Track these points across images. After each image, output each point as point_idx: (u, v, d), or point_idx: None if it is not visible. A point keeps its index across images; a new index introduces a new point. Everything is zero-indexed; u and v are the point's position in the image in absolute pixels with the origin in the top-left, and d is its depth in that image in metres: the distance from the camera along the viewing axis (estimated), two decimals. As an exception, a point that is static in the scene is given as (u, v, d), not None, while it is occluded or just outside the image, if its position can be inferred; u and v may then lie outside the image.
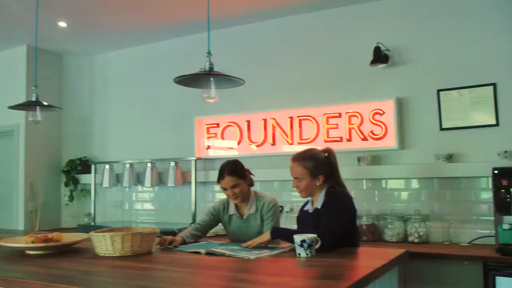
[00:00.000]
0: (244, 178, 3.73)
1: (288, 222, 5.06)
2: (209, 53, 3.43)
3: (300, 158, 3.30)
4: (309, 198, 3.40)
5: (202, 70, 3.41)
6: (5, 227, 6.50)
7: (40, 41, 5.96)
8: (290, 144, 5.50)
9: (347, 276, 2.36)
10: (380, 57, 4.94)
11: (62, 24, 6.00)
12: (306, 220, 3.36)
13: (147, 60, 6.75)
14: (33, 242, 3.13)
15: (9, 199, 7.02)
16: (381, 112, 5.00)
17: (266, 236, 3.19)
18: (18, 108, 4.74)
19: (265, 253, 2.92)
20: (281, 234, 3.17)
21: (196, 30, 6.06)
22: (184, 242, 3.48)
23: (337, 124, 5.25)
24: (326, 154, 3.35)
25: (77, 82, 7.36)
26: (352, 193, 3.41)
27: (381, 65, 4.98)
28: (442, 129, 4.75)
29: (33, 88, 4.38)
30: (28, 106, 4.56)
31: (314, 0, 5.24)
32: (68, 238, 3.32)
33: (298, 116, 5.48)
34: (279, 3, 5.32)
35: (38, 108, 4.47)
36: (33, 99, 4.38)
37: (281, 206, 5.05)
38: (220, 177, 3.71)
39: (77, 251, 3.23)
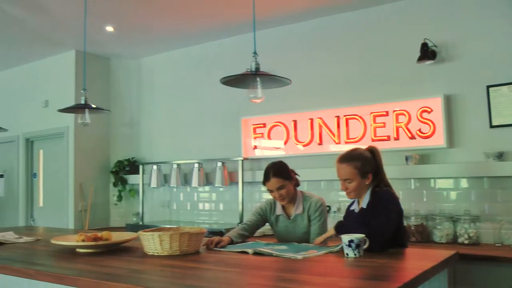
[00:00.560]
0: (289, 179, 3.69)
1: (335, 222, 5.01)
2: (255, 53, 3.43)
3: (347, 158, 3.26)
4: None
5: (248, 70, 3.41)
6: (56, 225, 6.66)
7: (88, 46, 6.08)
8: (337, 143, 5.45)
9: (395, 277, 2.33)
10: (427, 53, 4.85)
11: (109, 28, 6.11)
12: (352, 220, 3.33)
13: (193, 62, 6.80)
14: (83, 240, 3.20)
15: (60, 199, 7.19)
16: (429, 109, 4.91)
17: (331, 231, 3.22)
18: (68, 111, 4.84)
19: (313, 253, 2.91)
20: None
21: (242, 30, 6.09)
22: (231, 242, 3.49)
23: (384, 123, 5.19)
24: (370, 153, 3.31)
25: (124, 84, 7.48)
26: (400, 193, 3.37)
27: (428, 62, 4.89)
28: (492, 126, 4.62)
29: (82, 91, 4.45)
30: (77, 109, 4.65)
31: (359, -2, 5.20)
32: (117, 237, 3.37)
33: (344, 115, 5.43)
34: (324, 2, 5.29)
35: (87, 110, 4.54)
36: (82, 102, 4.45)
37: (328, 206, 5.01)
38: (266, 179, 3.70)
39: (126, 250, 3.27)
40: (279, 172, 3.67)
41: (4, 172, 8.26)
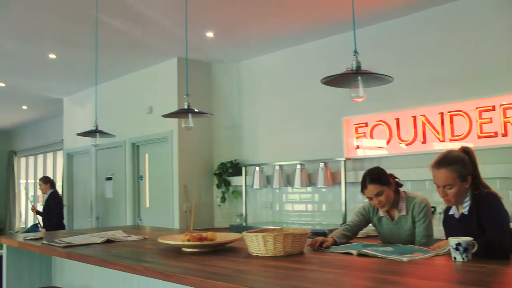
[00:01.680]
0: (387, 184, 3.57)
1: (441, 224, 4.84)
2: (355, 51, 3.37)
3: (446, 162, 3.02)
4: None
5: (349, 69, 3.35)
6: (162, 225, 6.89)
7: (189, 52, 6.24)
8: (441, 141, 5.26)
9: (507, 285, 2.21)
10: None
11: (210, 34, 6.24)
12: (453, 226, 3.14)
13: (293, 63, 6.81)
14: (188, 240, 3.26)
15: (165, 200, 7.43)
16: (541, 102, 4.63)
17: (446, 242, 3.03)
18: (172, 116, 4.97)
19: (419, 255, 2.81)
20: None
21: (340, 29, 6.04)
22: (335, 243, 3.45)
23: (490, 118, 4.93)
24: (465, 154, 3.08)
25: (225, 88, 7.61)
26: (510, 194, 3.16)
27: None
28: None
29: (184, 96, 4.55)
30: (180, 114, 4.76)
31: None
32: (221, 237, 3.42)
33: (448, 112, 5.23)
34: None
35: (190, 115, 4.64)
36: (185, 107, 4.54)
37: (433, 207, 4.83)
38: (363, 186, 3.61)
39: (230, 250, 3.31)
40: (376, 178, 3.56)
41: (112, 175, 8.65)
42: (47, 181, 8.44)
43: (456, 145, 3.27)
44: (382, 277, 2.41)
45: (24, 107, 11.65)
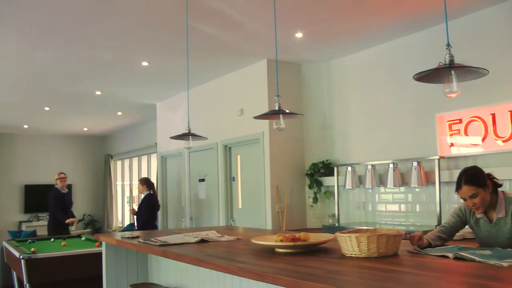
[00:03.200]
0: (484, 186, 3.40)
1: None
2: (448, 45, 3.26)
3: None
4: None
5: (442, 63, 3.25)
6: (255, 226, 6.96)
7: (279, 54, 6.27)
8: (541, 137, 5.00)
9: None
10: None
11: (299, 34, 6.25)
12: None
13: (382, 60, 6.70)
14: (281, 241, 3.27)
15: (257, 201, 7.50)
16: None
17: None
18: (263, 118, 5.02)
19: (521, 260, 2.68)
20: None
21: (431, 23, 5.88)
22: (429, 245, 3.36)
23: None
24: None
25: (316, 88, 7.60)
26: None
27: None
28: None
29: (275, 98, 4.56)
30: (271, 115, 4.78)
31: None
32: (314, 238, 3.40)
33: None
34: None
35: (281, 116, 4.65)
36: (276, 108, 4.55)
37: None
38: (457, 187, 3.48)
39: (323, 250, 3.29)
40: (471, 179, 3.42)
41: (205, 177, 8.82)
42: (143, 183, 8.70)
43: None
44: (480, 283, 2.30)
45: (119, 113, 12.14)
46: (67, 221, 9.31)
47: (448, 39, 3.25)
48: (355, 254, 2.94)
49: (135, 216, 8.85)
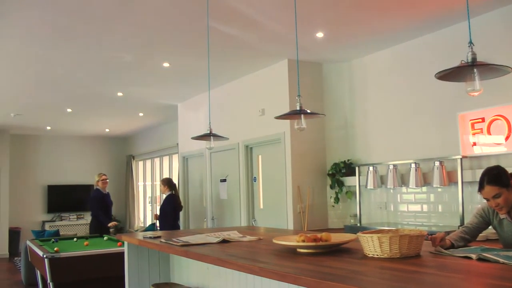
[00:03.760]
0: (507, 186, 3.36)
1: None
2: (470, 42, 3.23)
3: None
4: None
5: (464, 62, 3.21)
6: (276, 226, 6.96)
7: (300, 53, 6.26)
8: None
9: None
10: None
11: (320, 34, 6.24)
12: None
13: (403, 59, 6.66)
14: (303, 241, 3.27)
15: (279, 201, 7.50)
16: None
17: None
18: (284, 118, 5.02)
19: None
20: None
21: (452, 21, 5.83)
22: (452, 246, 3.33)
23: None
24: None
25: (337, 87, 7.58)
26: None
27: None
28: None
29: (296, 98, 4.56)
30: (293, 115, 4.78)
31: None
32: (336, 238, 3.40)
33: None
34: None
35: (302, 116, 4.65)
36: (297, 108, 4.54)
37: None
38: (480, 187, 3.45)
39: (345, 251, 3.29)
40: (494, 179, 3.38)
41: (226, 177, 8.85)
42: (165, 183, 8.76)
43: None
44: (505, 285, 2.26)
45: (141, 114, 12.23)
46: (109, 224, 9.42)
47: (470, 36, 3.21)
48: (377, 255, 2.93)
49: (157, 221, 8.91)
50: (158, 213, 9.05)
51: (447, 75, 3.30)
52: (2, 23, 5.73)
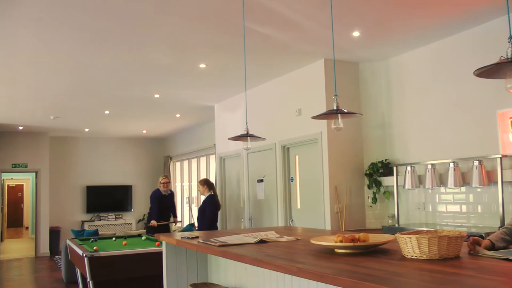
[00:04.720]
0: None
1: None
2: (510, 38, 3.15)
3: None
4: None
5: (503, 58, 3.15)
6: (313, 226, 6.95)
7: (336, 53, 6.24)
8: None
9: None
10: None
11: (356, 33, 6.21)
12: None
13: (442, 56, 6.57)
14: (341, 241, 3.26)
15: (316, 201, 7.49)
16: None
17: None
18: (321, 118, 5.00)
19: None
20: None
21: (489, 17, 5.74)
22: (492, 247, 3.27)
23: None
24: None
25: (374, 86, 7.53)
26: None
27: None
28: None
29: (333, 97, 4.54)
30: (329, 115, 4.77)
31: None
32: (374, 238, 3.37)
33: None
34: None
35: (339, 115, 4.63)
36: (334, 107, 4.52)
37: None
38: None
39: (383, 252, 3.26)
40: None
41: (263, 177, 8.86)
42: (204, 184, 8.83)
43: None
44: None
45: (178, 115, 12.34)
46: (149, 224, 9.75)
47: (510, 31, 3.14)
48: (416, 256, 2.90)
49: (194, 218, 9.02)
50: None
51: (486, 72, 3.25)
52: (46, 28, 5.85)
